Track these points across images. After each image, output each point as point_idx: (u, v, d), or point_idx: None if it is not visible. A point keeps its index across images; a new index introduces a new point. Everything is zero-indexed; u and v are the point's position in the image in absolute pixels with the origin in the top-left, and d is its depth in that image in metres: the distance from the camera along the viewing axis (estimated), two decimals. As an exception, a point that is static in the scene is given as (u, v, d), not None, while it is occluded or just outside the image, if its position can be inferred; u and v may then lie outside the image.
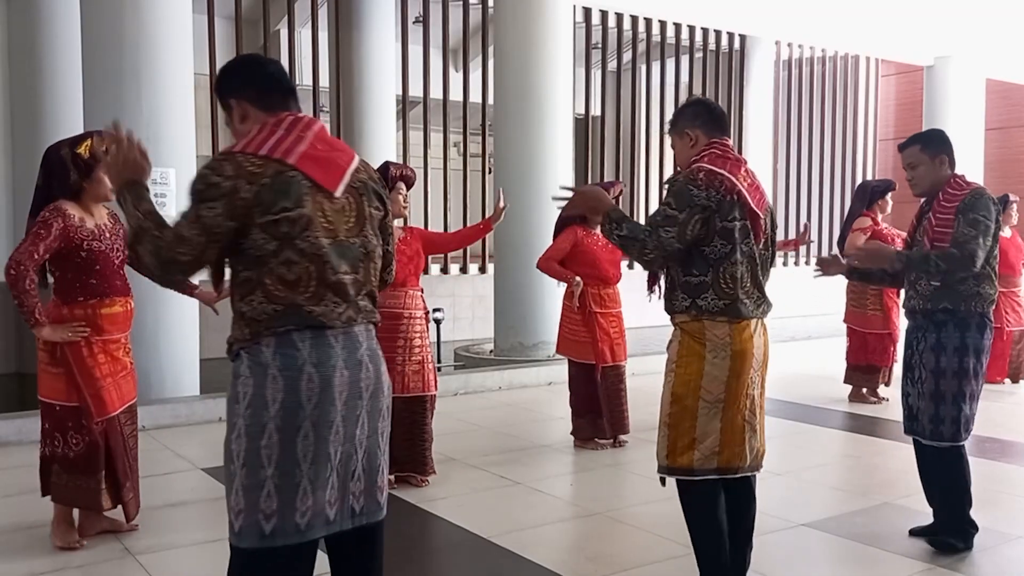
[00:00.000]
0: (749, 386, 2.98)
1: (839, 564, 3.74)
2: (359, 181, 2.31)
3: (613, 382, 5.47)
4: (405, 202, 4.67)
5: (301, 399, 2.16)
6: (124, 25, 6.18)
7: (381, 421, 2.34)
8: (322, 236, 2.19)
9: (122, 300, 3.79)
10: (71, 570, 3.60)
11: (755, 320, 3.00)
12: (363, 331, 2.29)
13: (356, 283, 2.27)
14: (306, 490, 2.17)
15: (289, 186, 2.15)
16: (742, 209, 2.90)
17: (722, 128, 3.09)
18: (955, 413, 3.60)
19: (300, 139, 2.24)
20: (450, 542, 4.01)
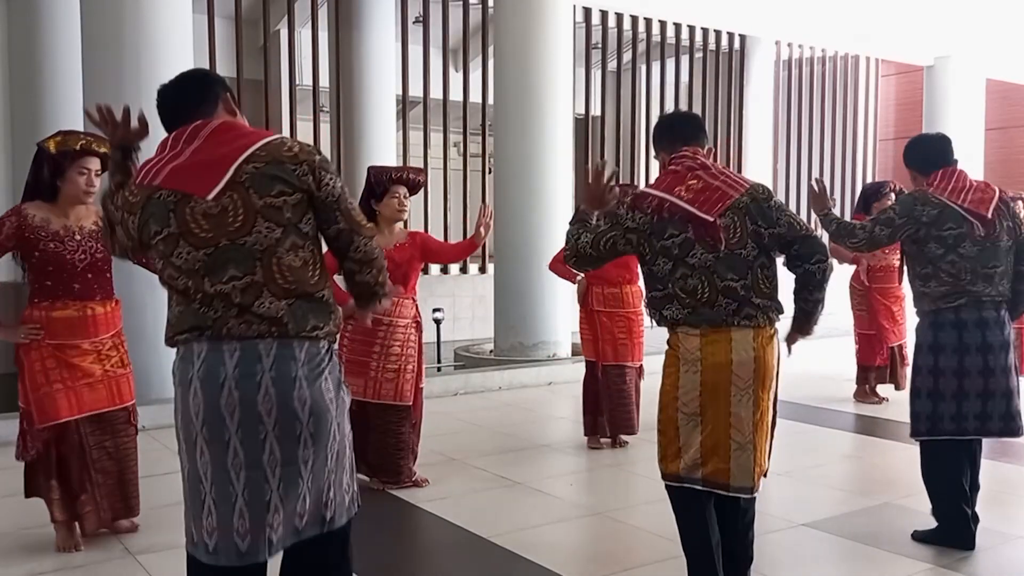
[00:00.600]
0: (732, 403, 2.87)
1: (839, 564, 3.74)
2: (246, 173, 2.12)
3: (615, 382, 5.46)
4: (400, 205, 4.57)
5: (190, 414, 2.15)
6: (124, 25, 6.18)
7: (303, 448, 2.12)
8: (198, 248, 2.11)
9: (78, 304, 3.66)
10: (71, 570, 3.59)
11: (740, 330, 2.86)
12: (268, 346, 2.11)
13: (253, 286, 2.10)
14: (210, 508, 2.15)
15: (157, 208, 2.15)
16: (680, 223, 2.88)
17: (683, 138, 3.05)
18: (912, 408, 3.79)
19: (177, 153, 2.17)
20: (450, 542, 4.00)
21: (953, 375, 3.68)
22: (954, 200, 3.64)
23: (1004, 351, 3.68)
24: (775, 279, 2.96)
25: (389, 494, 4.58)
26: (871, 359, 6.98)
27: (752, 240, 2.89)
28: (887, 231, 3.70)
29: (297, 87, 11.75)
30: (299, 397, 2.11)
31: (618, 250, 2.98)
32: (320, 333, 2.16)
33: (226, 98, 2.29)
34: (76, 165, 3.66)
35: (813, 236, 2.93)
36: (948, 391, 3.67)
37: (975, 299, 3.64)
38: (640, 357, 5.54)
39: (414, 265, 4.63)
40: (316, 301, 2.17)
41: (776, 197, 2.99)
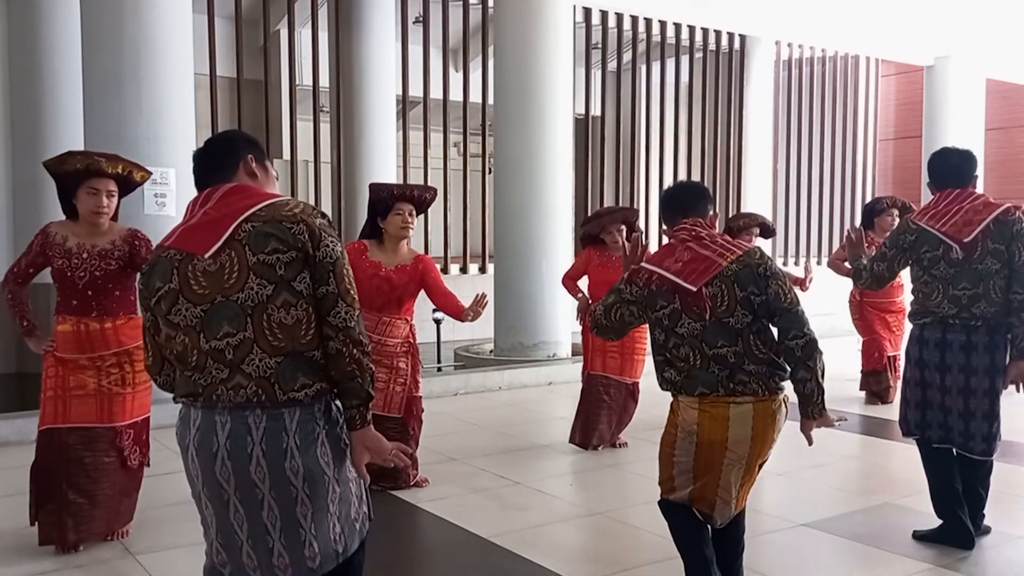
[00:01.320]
0: (723, 471, 2.93)
1: (839, 564, 3.74)
2: (245, 231, 2.13)
3: (597, 391, 5.48)
4: (404, 223, 4.54)
5: (191, 474, 2.24)
6: (124, 25, 6.18)
7: (300, 507, 2.15)
8: (196, 304, 2.14)
9: (74, 320, 3.72)
10: (71, 570, 3.60)
11: (738, 406, 2.87)
12: (257, 419, 2.12)
13: (244, 343, 2.11)
14: (218, 549, 2.24)
15: (161, 266, 2.20)
16: (668, 295, 2.94)
17: (683, 209, 3.09)
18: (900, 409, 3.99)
19: (191, 216, 2.23)
20: (450, 542, 4.00)
21: (916, 385, 3.82)
22: (931, 224, 3.73)
23: (966, 373, 3.70)
24: (772, 343, 2.94)
25: (389, 494, 4.58)
26: (866, 363, 7.09)
27: (742, 307, 2.89)
28: (884, 265, 3.86)
29: (297, 87, 11.75)
30: (291, 468, 2.13)
31: (626, 320, 3.07)
32: (310, 391, 2.14)
33: (247, 160, 2.29)
34: (85, 185, 3.69)
35: (793, 311, 2.90)
36: (913, 400, 3.87)
37: (939, 319, 3.72)
38: (635, 375, 5.53)
39: (410, 289, 4.59)
40: (307, 360, 2.15)
41: (770, 262, 2.96)
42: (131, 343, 3.79)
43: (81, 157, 3.72)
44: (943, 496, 3.80)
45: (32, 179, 8.93)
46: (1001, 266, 3.66)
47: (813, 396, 2.93)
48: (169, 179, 6.29)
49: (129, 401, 3.82)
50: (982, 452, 3.75)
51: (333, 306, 2.16)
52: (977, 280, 3.65)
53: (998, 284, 3.65)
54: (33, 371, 8.72)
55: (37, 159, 8.94)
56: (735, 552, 3.11)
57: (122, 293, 3.79)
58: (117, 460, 3.82)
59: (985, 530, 3.90)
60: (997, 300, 3.65)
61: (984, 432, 3.71)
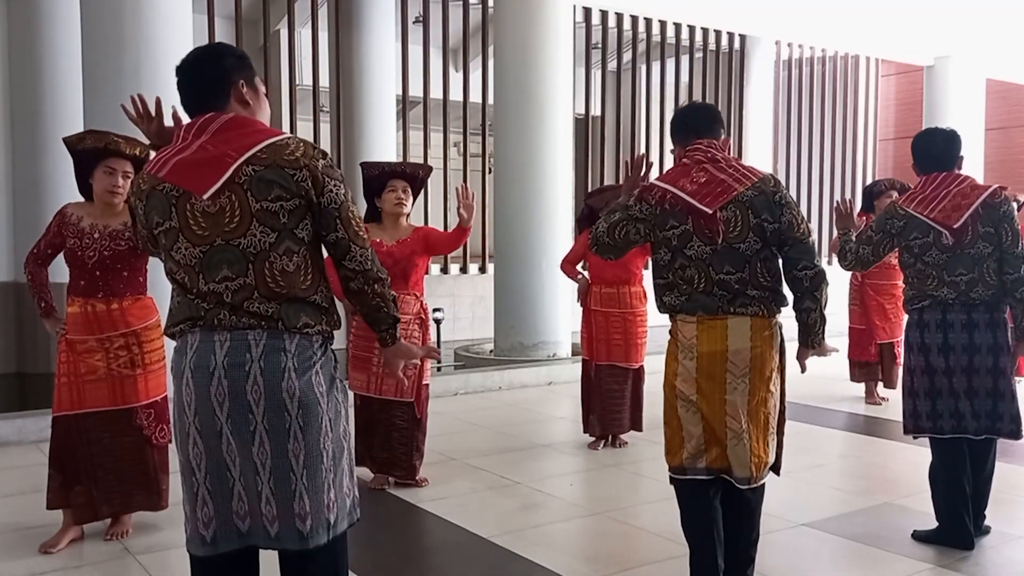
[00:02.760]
0: (727, 390, 2.90)
1: (839, 564, 3.74)
2: (245, 175, 2.11)
3: (607, 381, 5.48)
4: (397, 199, 4.55)
5: (183, 404, 2.18)
6: (124, 25, 6.18)
7: (293, 442, 2.11)
8: (195, 245, 2.13)
9: (82, 301, 3.74)
10: (71, 570, 3.59)
11: (736, 318, 2.89)
12: (258, 336, 2.11)
13: (244, 288, 2.11)
14: (204, 499, 2.17)
15: (159, 200, 2.17)
16: (681, 215, 2.91)
17: (696, 130, 3.05)
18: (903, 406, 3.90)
19: (185, 147, 2.18)
20: (450, 542, 4.00)
21: (923, 374, 3.76)
22: (920, 211, 3.71)
23: (969, 353, 3.68)
24: (777, 272, 2.97)
25: (389, 494, 4.58)
26: (858, 354, 7.06)
27: (754, 233, 2.90)
28: (869, 248, 3.84)
29: (297, 87, 11.75)
30: (287, 388, 2.11)
31: (631, 239, 3.03)
32: (311, 330, 2.16)
33: (238, 87, 2.25)
34: (102, 164, 3.72)
35: (804, 242, 2.93)
36: (921, 389, 3.78)
37: (937, 302, 3.70)
38: (638, 359, 5.53)
39: (415, 261, 4.60)
40: (308, 304, 2.16)
41: (785, 191, 2.96)
42: (139, 324, 3.81)
43: (100, 136, 3.75)
44: (951, 495, 3.74)
45: (32, 179, 8.95)
46: (993, 249, 3.66)
47: (816, 326, 2.99)
48: (169, 179, 6.28)
49: (142, 381, 3.83)
50: (1010, 433, 3.71)
51: (347, 251, 2.19)
52: (972, 265, 3.65)
53: (992, 267, 3.66)
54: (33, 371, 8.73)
55: (37, 159, 9.02)
56: (748, 539, 3.01)
57: (130, 274, 3.80)
58: (139, 438, 3.84)
59: (985, 530, 3.90)
60: (993, 283, 3.66)
61: (987, 409, 3.69)
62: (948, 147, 3.80)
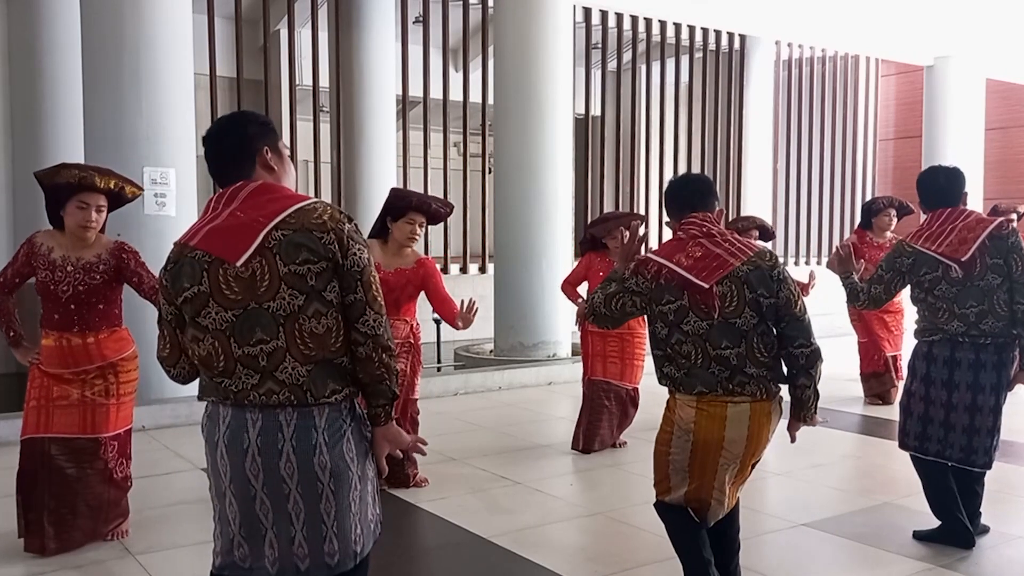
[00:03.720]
0: (719, 470, 2.93)
1: (839, 564, 3.74)
2: (275, 239, 2.14)
3: (597, 396, 5.48)
4: (412, 233, 4.52)
5: (219, 470, 2.24)
6: (124, 25, 6.18)
7: (324, 503, 2.20)
8: (228, 309, 2.15)
9: (56, 335, 3.69)
10: (71, 570, 3.59)
11: (735, 406, 2.88)
12: (288, 416, 2.16)
13: (277, 351, 2.14)
14: (240, 543, 2.24)
15: (188, 267, 2.19)
16: (677, 290, 2.92)
17: (691, 204, 3.06)
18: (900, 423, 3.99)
19: (216, 216, 2.21)
20: (450, 542, 4.00)
21: (921, 400, 3.84)
22: (927, 247, 3.75)
23: (973, 391, 3.72)
24: (774, 347, 2.94)
25: (389, 494, 4.58)
26: (867, 367, 7.10)
27: (750, 308, 2.89)
28: (881, 287, 3.89)
29: (297, 87, 11.75)
30: (319, 463, 2.18)
31: (627, 311, 3.04)
32: (339, 396, 2.20)
33: (263, 154, 2.28)
34: (75, 199, 3.64)
35: (801, 320, 2.93)
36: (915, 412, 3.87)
37: (948, 337, 3.75)
38: (634, 380, 5.53)
39: (408, 292, 4.56)
40: (336, 368, 2.20)
41: (781, 267, 2.96)
42: (115, 356, 3.76)
43: (75, 171, 3.66)
44: (940, 499, 3.82)
45: (32, 181, 8.88)
46: (1003, 280, 3.70)
47: (808, 402, 2.99)
48: (169, 179, 6.29)
49: (113, 412, 3.77)
50: (983, 465, 3.78)
51: (361, 314, 2.20)
52: (982, 297, 3.69)
53: (1002, 298, 3.69)
54: (33, 371, 8.61)
55: (37, 159, 9.00)
56: (732, 551, 3.11)
57: (106, 307, 3.74)
58: (102, 472, 3.76)
59: (984, 530, 3.91)
60: (1003, 314, 3.69)
61: (986, 446, 3.75)
62: (949, 184, 3.85)
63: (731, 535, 3.10)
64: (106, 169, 3.80)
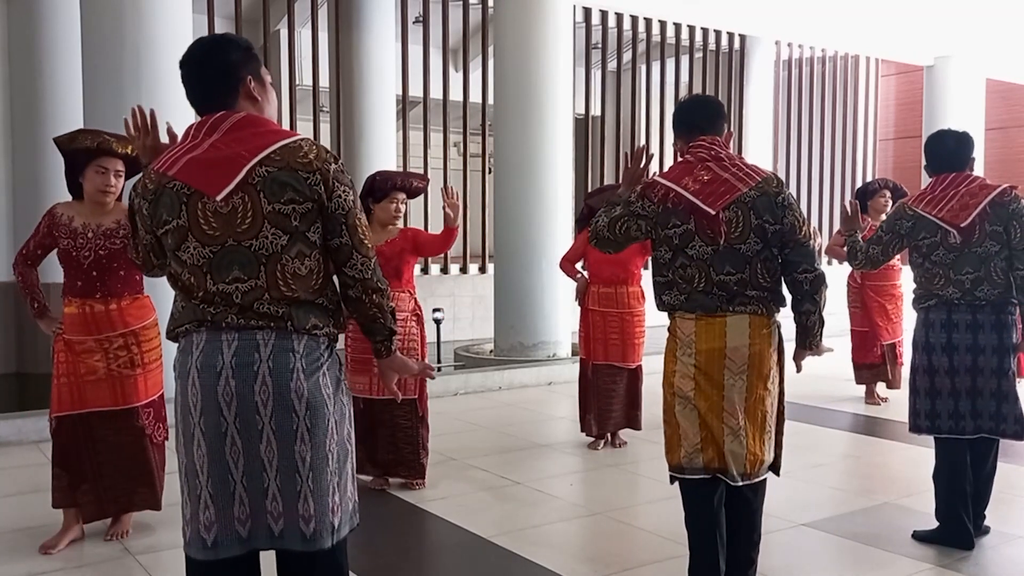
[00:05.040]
0: (725, 387, 2.90)
1: (839, 564, 3.74)
2: (258, 176, 2.09)
3: (604, 380, 5.48)
4: (396, 211, 4.62)
5: (189, 404, 2.15)
6: (124, 25, 6.18)
7: (300, 444, 2.10)
8: (205, 245, 2.10)
9: (79, 302, 3.73)
10: (71, 570, 3.60)
11: (735, 316, 2.89)
12: (266, 336, 2.10)
13: (255, 289, 2.09)
14: (207, 502, 2.14)
15: (168, 197, 2.14)
16: (683, 214, 2.91)
17: (700, 126, 3.03)
18: (910, 405, 3.91)
19: (196, 146, 2.15)
20: (450, 542, 4.00)
21: (925, 373, 3.78)
22: (928, 211, 3.73)
23: (973, 353, 3.69)
24: (777, 272, 2.96)
25: (389, 494, 4.58)
26: (864, 356, 7.06)
27: (755, 235, 2.89)
28: (879, 248, 3.86)
29: (297, 87, 11.74)
30: (296, 389, 2.10)
31: (631, 235, 3.02)
32: (319, 332, 2.15)
33: (247, 83, 2.22)
34: (94, 164, 3.71)
35: (805, 245, 2.93)
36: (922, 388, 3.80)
37: (943, 301, 3.72)
38: (636, 359, 5.53)
39: (405, 258, 4.64)
40: (316, 306, 2.16)
41: (788, 192, 2.95)
42: (137, 323, 3.82)
43: (92, 135, 3.74)
44: (950, 495, 3.76)
45: (32, 178, 8.94)
46: (1001, 247, 3.67)
47: (814, 328, 3.00)
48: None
49: (142, 382, 3.84)
50: (990, 431, 3.72)
51: (348, 258, 2.18)
52: (979, 263, 3.66)
53: (999, 266, 3.67)
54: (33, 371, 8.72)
55: (37, 159, 9.00)
56: (749, 540, 3.01)
57: (127, 273, 3.79)
58: (141, 438, 3.86)
59: (985, 530, 3.90)
60: (1000, 281, 3.66)
61: (991, 410, 3.69)
62: (958, 148, 3.82)
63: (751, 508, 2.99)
64: (122, 135, 3.83)
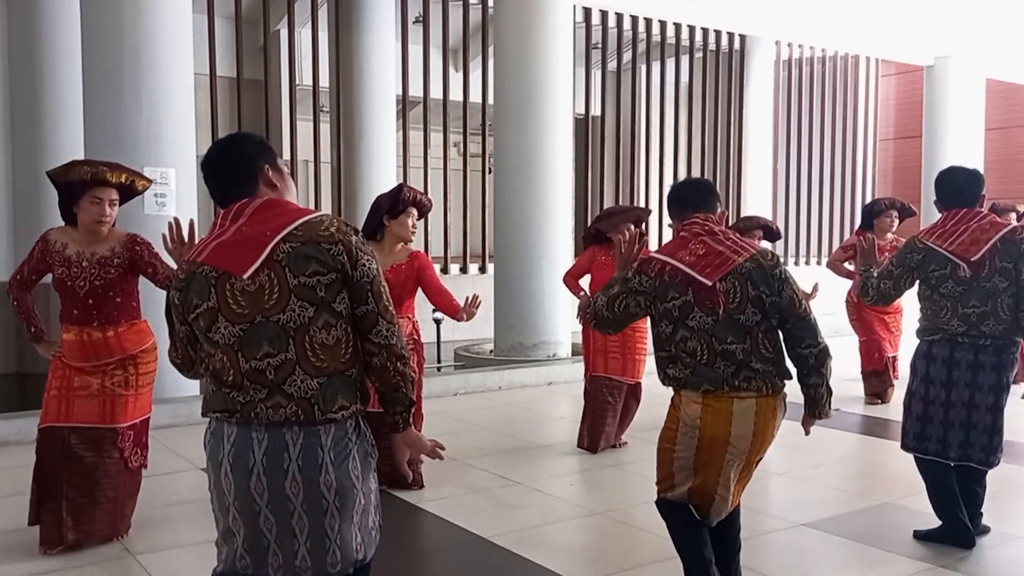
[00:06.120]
0: (723, 466, 2.94)
1: (839, 564, 3.74)
2: (283, 252, 2.15)
3: (600, 392, 5.48)
4: (413, 227, 4.64)
5: (223, 488, 2.23)
6: (124, 25, 6.18)
7: (329, 518, 2.20)
8: (235, 324, 2.15)
9: (76, 329, 3.74)
10: (71, 570, 3.60)
11: (741, 401, 2.89)
12: (294, 436, 2.15)
13: (286, 364, 2.14)
14: (243, 556, 2.24)
15: (198, 283, 2.20)
16: (681, 286, 2.93)
17: (693, 205, 3.09)
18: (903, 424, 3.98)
19: (223, 232, 2.22)
20: (450, 542, 4.01)
21: (920, 400, 3.83)
22: (939, 244, 3.77)
23: (971, 390, 3.72)
24: (778, 343, 2.96)
25: (389, 494, 4.58)
26: (867, 365, 7.10)
27: (753, 305, 2.91)
28: (890, 283, 3.89)
29: (297, 87, 11.74)
30: (325, 482, 2.18)
31: (631, 312, 3.04)
32: (346, 413, 2.20)
33: (264, 172, 2.30)
34: (88, 194, 3.69)
35: (807, 319, 2.95)
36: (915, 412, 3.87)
37: (948, 337, 3.75)
38: (636, 375, 5.53)
39: (408, 287, 4.62)
40: (346, 379, 2.20)
41: (783, 267, 2.98)
42: (135, 348, 3.81)
43: (86, 167, 3.72)
44: (941, 498, 3.82)
45: (33, 181, 8.94)
46: (1009, 284, 3.70)
47: (822, 400, 3.03)
48: (169, 179, 6.29)
49: (132, 402, 3.83)
50: (980, 462, 3.78)
51: (374, 324, 2.21)
52: (985, 298, 3.69)
53: (1006, 302, 3.70)
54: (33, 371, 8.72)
55: (37, 160, 9.00)
56: (732, 551, 3.11)
57: (123, 300, 3.79)
58: (119, 461, 3.83)
59: (984, 530, 3.91)
60: (1005, 318, 3.70)
61: (984, 443, 3.75)
62: (969, 184, 3.86)
63: (732, 535, 3.11)
64: (116, 163, 3.85)
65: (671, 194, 3.21)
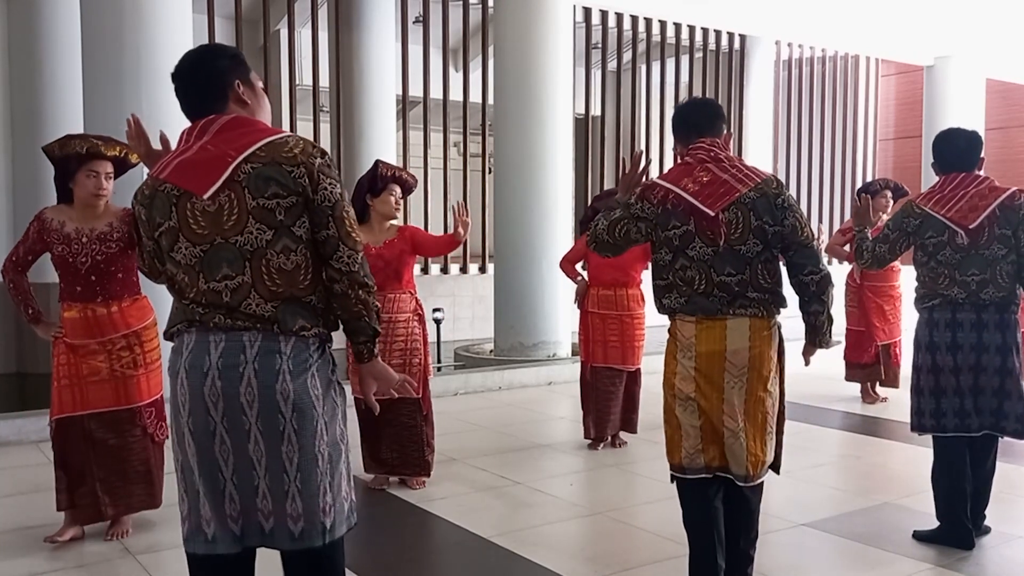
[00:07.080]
0: (725, 390, 2.91)
1: (839, 564, 3.74)
2: (244, 173, 2.11)
3: (603, 383, 5.48)
4: (396, 204, 4.62)
5: (178, 404, 2.18)
6: (124, 25, 6.18)
7: (286, 445, 2.10)
8: (196, 244, 2.13)
9: (80, 306, 3.75)
10: (71, 570, 3.60)
11: (735, 319, 2.89)
12: (253, 338, 2.10)
13: (242, 287, 2.10)
14: (204, 497, 2.17)
15: (160, 200, 2.18)
16: (683, 215, 2.91)
17: (698, 129, 3.03)
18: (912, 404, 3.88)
19: (187, 148, 2.20)
20: (450, 542, 4.01)
21: (929, 372, 3.76)
22: (936, 210, 3.70)
23: (977, 351, 3.68)
24: (777, 273, 2.96)
25: (389, 494, 4.58)
26: (858, 356, 7.07)
27: (755, 236, 2.90)
28: (885, 247, 3.83)
29: (297, 87, 11.75)
30: (281, 391, 2.10)
31: (631, 237, 3.01)
32: (307, 332, 2.14)
33: (235, 88, 2.25)
34: (84, 168, 3.72)
35: (809, 246, 2.94)
36: (926, 388, 3.77)
37: (947, 301, 3.70)
38: (636, 362, 5.53)
39: (405, 260, 4.64)
40: (305, 305, 2.15)
41: (787, 194, 2.95)
42: (138, 324, 3.84)
43: (80, 140, 3.75)
44: (949, 495, 3.76)
45: (32, 178, 8.94)
46: (1008, 251, 3.65)
47: (823, 327, 3.03)
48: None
49: (144, 381, 3.86)
50: (1015, 432, 3.70)
51: (335, 250, 2.16)
52: (985, 266, 3.64)
53: (1006, 269, 3.65)
54: (33, 371, 8.73)
55: (37, 160, 8.93)
56: (748, 538, 3.02)
57: (125, 275, 3.81)
58: (143, 438, 3.88)
59: (985, 530, 3.90)
60: (1005, 285, 3.65)
61: (1019, 412, 3.67)
62: (968, 148, 3.77)
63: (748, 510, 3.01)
64: (108, 136, 3.87)
65: (676, 116, 3.15)
